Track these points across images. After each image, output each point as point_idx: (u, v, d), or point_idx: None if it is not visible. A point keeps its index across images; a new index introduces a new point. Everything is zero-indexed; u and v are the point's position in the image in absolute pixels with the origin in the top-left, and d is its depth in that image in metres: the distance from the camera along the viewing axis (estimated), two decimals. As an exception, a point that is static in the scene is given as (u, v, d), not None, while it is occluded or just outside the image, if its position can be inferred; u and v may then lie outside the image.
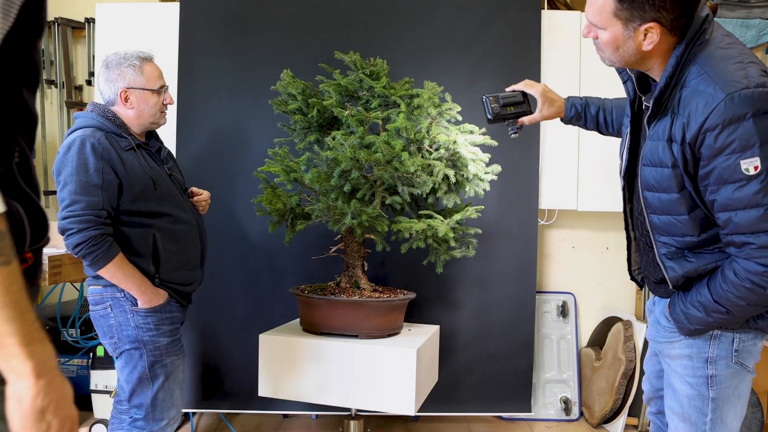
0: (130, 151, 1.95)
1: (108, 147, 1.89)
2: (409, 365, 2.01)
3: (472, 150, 2.16)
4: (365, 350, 2.05)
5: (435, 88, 2.26)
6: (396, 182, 2.11)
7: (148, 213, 1.94)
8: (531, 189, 2.96)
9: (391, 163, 2.04)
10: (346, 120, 2.18)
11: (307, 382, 2.08)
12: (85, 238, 1.82)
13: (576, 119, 1.86)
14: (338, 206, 2.03)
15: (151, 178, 1.95)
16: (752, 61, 1.29)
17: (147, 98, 2.00)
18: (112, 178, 1.87)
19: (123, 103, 1.98)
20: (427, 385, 2.22)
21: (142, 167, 1.95)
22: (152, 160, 2.03)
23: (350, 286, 2.27)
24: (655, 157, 1.39)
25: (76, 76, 3.48)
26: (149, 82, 2.00)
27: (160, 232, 1.96)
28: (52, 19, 3.39)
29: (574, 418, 3.19)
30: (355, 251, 2.29)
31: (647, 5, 1.28)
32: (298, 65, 2.52)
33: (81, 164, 1.84)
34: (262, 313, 2.89)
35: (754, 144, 1.23)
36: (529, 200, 2.96)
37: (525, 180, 2.94)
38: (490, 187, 2.25)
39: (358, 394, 2.06)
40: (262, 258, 2.91)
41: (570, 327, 3.31)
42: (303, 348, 2.08)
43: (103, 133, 1.91)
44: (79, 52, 3.49)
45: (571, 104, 1.84)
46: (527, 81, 1.85)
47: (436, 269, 2.26)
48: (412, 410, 2.02)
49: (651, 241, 1.50)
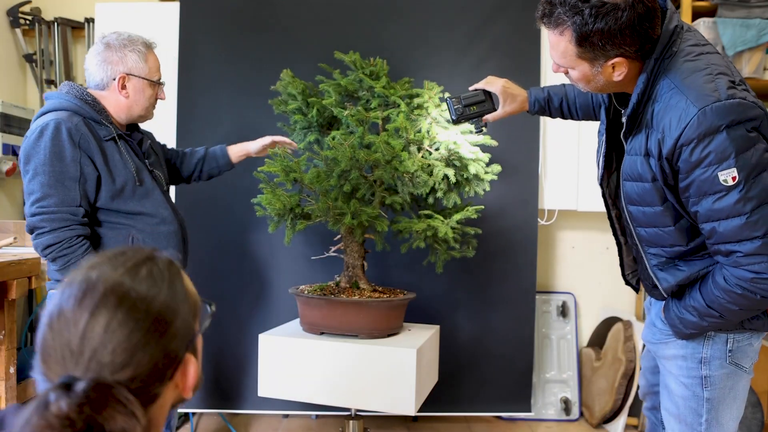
0: (110, 141, 1.75)
1: (86, 134, 1.68)
2: (409, 365, 2.01)
3: (472, 150, 2.16)
4: (365, 350, 2.05)
5: (435, 88, 2.26)
6: (396, 182, 2.11)
7: (128, 212, 1.77)
8: (531, 189, 2.96)
9: (391, 163, 2.04)
10: (345, 120, 2.18)
11: (308, 382, 2.08)
12: (58, 239, 1.63)
13: (541, 112, 1.88)
14: (338, 206, 2.03)
15: (134, 173, 1.78)
16: (721, 72, 1.29)
17: (144, 88, 1.83)
18: (91, 170, 1.68)
19: (118, 89, 1.79)
20: (427, 385, 2.21)
21: (123, 160, 1.77)
22: (133, 153, 1.84)
23: (350, 286, 2.27)
24: (634, 172, 1.40)
25: (76, 76, 3.48)
26: (151, 72, 1.84)
27: (141, 234, 1.79)
28: (52, 19, 3.39)
29: (574, 418, 3.19)
30: (355, 251, 2.29)
31: (608, 45, 1.29)
32: (298, 65, 2.52)
33: (55, 152, 1.64)
34: (261, 313, 2.89)
35: (730, 155, 1.24)
36: (529, 200, 2.96)
37: (525, 180, 2.94)
38: (490, 187, 2.25)
39: (358, 394, 2.06)
40: (262, 258, 2.91)
41: (570, 327, 3.31)
42: (303, 348, 2.08)
43: (81, 118, 1.71)
44: (78, 52, 3.49)
45: (534, 99, 1.86)
46: (489, 78, 1.87)
47: (436, 269, 2.26)
48: (412, 410, 2.02)
49: (640, 252, 1.51)
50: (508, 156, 2.70)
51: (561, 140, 3.05)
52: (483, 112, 1.83)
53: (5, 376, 2.11)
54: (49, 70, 3.43)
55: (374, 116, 2.17)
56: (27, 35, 3.45)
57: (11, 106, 3.12)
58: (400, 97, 2.20)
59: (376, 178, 2.12)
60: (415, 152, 2.13)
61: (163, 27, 2.92)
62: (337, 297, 2.12)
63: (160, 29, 2.93)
